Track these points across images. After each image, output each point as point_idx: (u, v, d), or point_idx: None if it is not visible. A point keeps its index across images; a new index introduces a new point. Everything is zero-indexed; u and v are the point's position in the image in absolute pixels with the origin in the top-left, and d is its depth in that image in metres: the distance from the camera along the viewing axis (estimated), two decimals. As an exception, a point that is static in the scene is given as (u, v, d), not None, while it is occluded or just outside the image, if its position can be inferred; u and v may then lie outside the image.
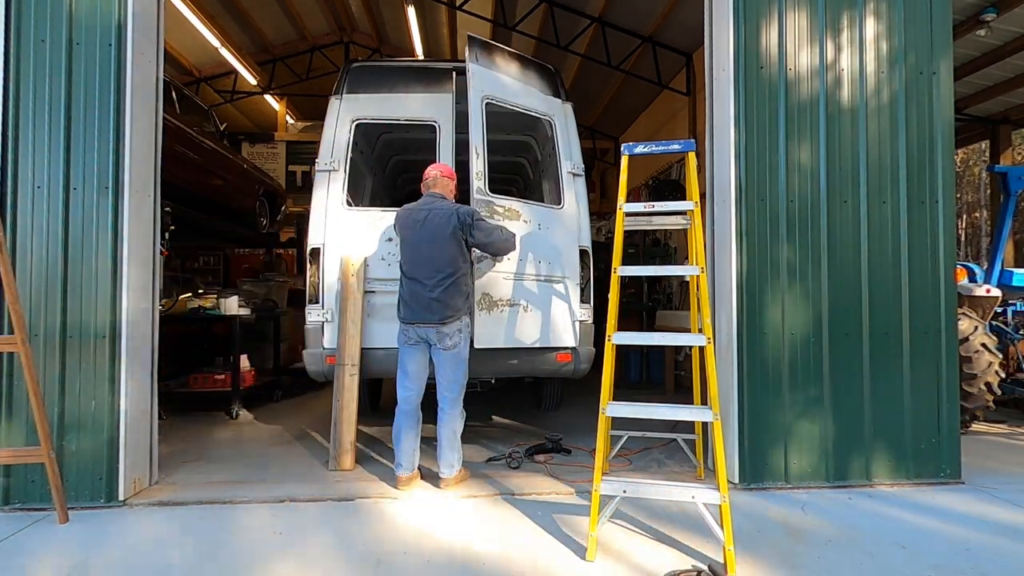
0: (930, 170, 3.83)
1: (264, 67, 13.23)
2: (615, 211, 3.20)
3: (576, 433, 4.89)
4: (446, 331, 3.53)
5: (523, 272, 4.19)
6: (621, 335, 2.99)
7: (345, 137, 4.38)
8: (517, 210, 4.21)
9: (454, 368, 3.61)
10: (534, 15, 9.71)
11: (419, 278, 3.56)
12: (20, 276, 3.35)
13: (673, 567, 2.69)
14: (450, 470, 3.64)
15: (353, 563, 2.76)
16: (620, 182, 3.19)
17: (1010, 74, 8.24)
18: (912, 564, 2.75)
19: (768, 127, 3.76)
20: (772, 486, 3.65)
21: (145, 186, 3.64)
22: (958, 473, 3.75)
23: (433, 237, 3.57)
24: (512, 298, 4.15)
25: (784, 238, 3.74)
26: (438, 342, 3.55)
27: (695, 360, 3.88)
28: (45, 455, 3.13)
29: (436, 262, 3.55)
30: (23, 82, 3.43)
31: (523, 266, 4.19)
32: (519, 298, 4.18)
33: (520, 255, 4.14)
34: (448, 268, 3.55)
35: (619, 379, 6.87)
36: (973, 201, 24.63)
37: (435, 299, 3.52)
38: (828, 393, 3.70)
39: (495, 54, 4.37)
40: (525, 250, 4.17)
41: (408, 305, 3.61)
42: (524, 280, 4.20)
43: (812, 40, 3.82)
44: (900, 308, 3.76)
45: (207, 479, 3.84)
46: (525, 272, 4.19)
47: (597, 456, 2.90)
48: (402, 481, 3.62)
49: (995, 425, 5.41)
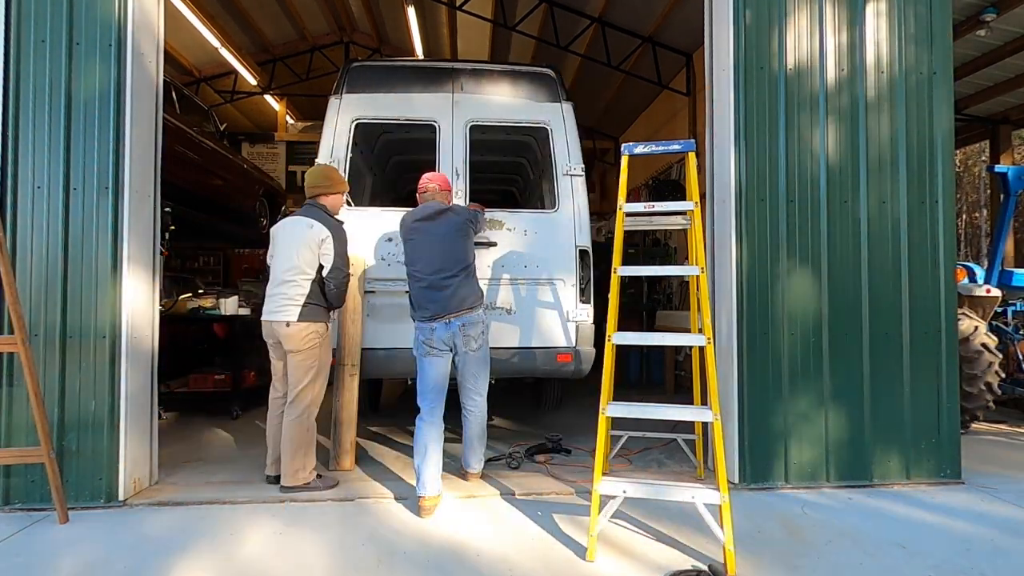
0: (930, 170, 3.83)
1: (264, 67, 13.23)
2: (615, 211, 3.20)
3: (576, 433, 4.89)
4: (471, 334, 3.53)
5: (516, 276, 4.32)
6: (621, 335, 2.99)
7: (345, 137, 4.38)
8: (500, 220, 4.38)
9: (480, 367, 3.65)
10: (534, 15, 9.70)
11: (440, 268, 3.51)
12: (20, 276, 3.35)
13: (673, 567, 2.69)
14: (479, 465, 3.76)
15: (353, 563, 2.76)
16: (620, 182, 3.19)
17: (1010, 74, 8.24)
18: (912, 564, 2.75)
19: (768, 127, 3.76)
20: (772, 486, 3.65)
21: (145, 186, 3.64)
22: (958, 473, 3.75)
23: (446, 234, 3.58)
24: (505, 300, 4.29)
25: (784, 238, 3.74)
26: (464, 346, 3.53)
27: (695, 360, 3.88)
28: (45, 455, 3.13)
29: (454, 255, 3.56)
30: (23, 82, 3.43)
31: (515, 270, 4.32)
32: (512, 300, 4.31)
33: (511, 260, 4.25)
34: (463, 262, 3.58)
35: (619, 379, 6.86)
36: (973, 201, 24.62)
37: (455, 291, 3.51)
38: (828, 393, 3.70)
39: (483, 78, 4.61)
40: (515, 255, 4.25)
41: (430, 302, 3.50)
42: (517, 283, 4.33)
43: (812, 40, 3.82)
44: (900, 308, 3.77)
45: (207, 479, 3.84)
46: (517, 276, 4.33)
47: (597, 456, 2.90)
48: (426, 507, 3.25)
49: (995, 425, 5.41)
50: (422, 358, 3.57)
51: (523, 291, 4.33)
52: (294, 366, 3.59)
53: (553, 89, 4.65)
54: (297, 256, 3.57)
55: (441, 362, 3.55)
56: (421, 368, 3.59)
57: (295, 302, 3.55)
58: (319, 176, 3.76)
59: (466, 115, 4.48)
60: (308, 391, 3.60)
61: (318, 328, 3.61)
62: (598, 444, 2.92)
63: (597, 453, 2.91)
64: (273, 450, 3.70)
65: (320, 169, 3.82)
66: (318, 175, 3.76)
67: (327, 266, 3.58)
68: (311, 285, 3.59)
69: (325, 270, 3.59)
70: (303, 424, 3.57)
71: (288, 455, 3.53)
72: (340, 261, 3.61)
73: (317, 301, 3.61)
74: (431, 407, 3.52)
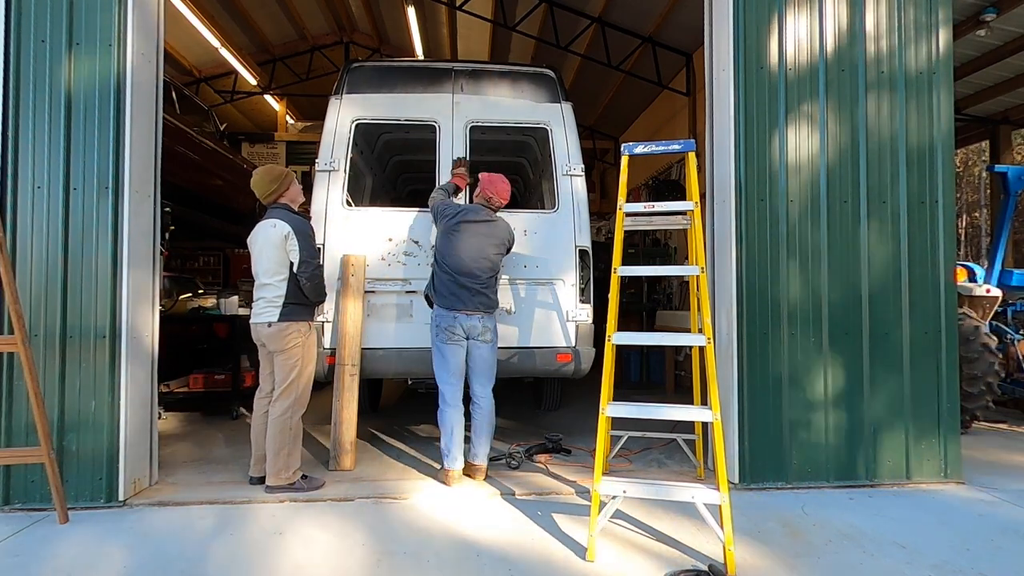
0: (930, 170, 3.83)
1: (264, 67, 13.24)
2: (615, 211, 3.20)
3: (576, 433, 4.89)
4: (488, 324, 3.79)
5: (516, 276, 4.33)
6: (621, 335, 2.99)
7: (345, 137, 4.39)
8: None
9: (492, 357, 3.85)
10: (534, 15, 9.70)
11: (471, 272, 3.74)
12: (20, 276, 3.35)
13: (673, 567, 2.69)
14: (486, 458, 3.85)
15: (353, 563, 2.76)
16: (620, 182, 3.19)
17: (1010, 74, 8.25)
18: (912, 564, 2.75)
19: (768, 127, 3.76)
20: (772, 486, 3.65)
21: (145, 186, 3.64)
22: (958, 473, 3.75)
23: (489, 243, 3.82)
24: (505, 300, 4.29)
25: (784, 238, 3.74)
26: (480, 336, 3.76)
27: (695, 360, 3.88)
28: (45, 455, 3.13)
29: (489, 261, 3.81)
30: (23, 82, 3.43)
31: (515, 270, 4.32)
32: (512, 300, 4.32)
33: (511, 260, 4.24)
34: (494, 269, 3.86)
35: (619, 379, 6.87)
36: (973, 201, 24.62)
37: (482, 292, 3.77)
38: (828, 393, 3.70)
39: (483, 79, 4.64)
40: (515, 255, 4.24)
41: (454, 297, 3.74)
42: (517, 283, 4.34)
43: (812, 40, 3.82)
44: (900, 308, 3.77)
45: (207, 479, 3.84)
46: (517, 276, 4.34)
47: (597, 456, 2.90)
48: (454, 476, 3.71)
49: (995, 425, 5.41)
50: (443, 344, 3.76)
51: (523, 291, 4.33)
52: (278, 366, 3.62)
53: (553, 89, 4.65)
54: (268, 259, 3.60)
55: (460, 350, 3.78)
56: (442, 355, 3.78)
57: (274, 304, 3.59)
58: (265, 182, 3.71)
59: (466, 115, 4.49)
60: (291, 390, 3.61)
61: (300, 327, 3.64)
62: (598, 444, 2.92)
63: (597, 453, 2.91)
64: (257, 449, 3.71)
65: (261, 175, 3.74)
66: (264, 181, 3.71)
67: (295, 262, 3.58)
68: (287, 285, 3.61)
69: (295, 266, 3.58)
70: (286, 423, 3.57)
71: (272, 453, 3.55)
72: (307, 254, 3.60)
73: (297, 300, 3.63)
74: (454, 392, 3.80)
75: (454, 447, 3.73)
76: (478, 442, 3.82)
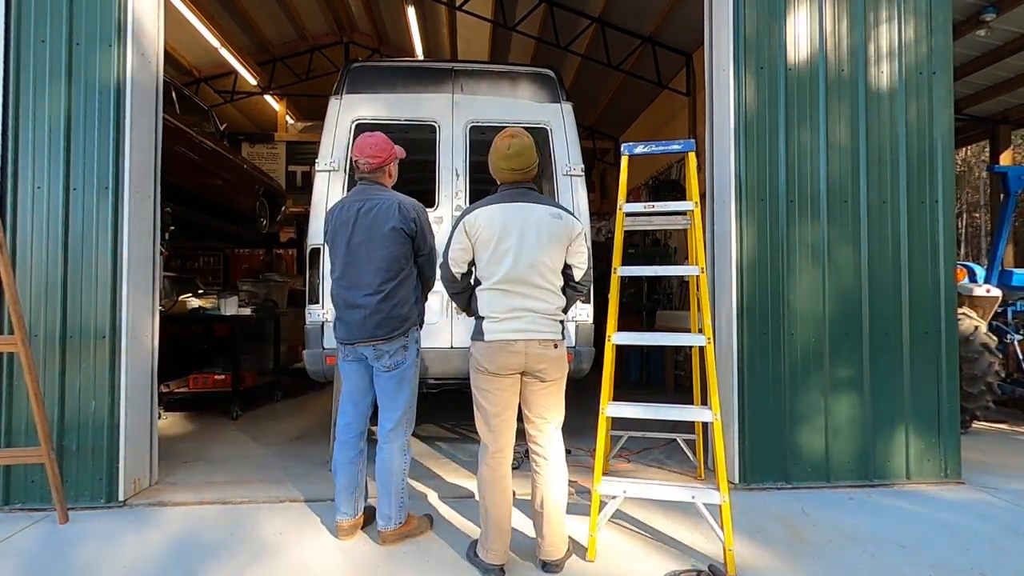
0: (930, 170, 3.83)
1: (264, 67, 13.22)
2: (615, 211, 3.20)
3: (576, 433, 4.88)
4: (385, 348, 2.87)
5: None
6: (621, 335, 2.99)
7: (345, 137, 4.39)
8: None
9: (396, 390, 2.93)
10: (534, 15, 9.69)
11: (353, 285, 2.89)
12: (20, 276, 3.35)
13: (673, 567, 2.69)
14: (386, 522, 2.90)
15: (353, 563, 2.76)
16: (620, 182, 3.19)
17: (1010, 74, 8.23)
18: (912, 564, 2.75)
19: (768, 127, 3.76)
20: (772, 486, 3.65)
21: (145, 186, 3.64)
22: (958, 473, 3.75)
23: (370, 234, 2.88)
24: None
25: (784, 238, 3.74)
26: (376, 359, 2.90)
27: (695, 360, 3.88)
28: (45, 455, 3.13)
29: (374, 263, 2.87)
30: (23, 82, 3.43)
31: None
32: None
33: None
34: (388, 271, 2.88)
35: (619, 379, 6.86)
36: (973, 201, 24.62)
37: (373, 310, 2.84)
38: (828, 393, 3.70)
39: (483, 80, 4.63)
40: None
41: (341, 319, 2.95)
42: None
43: (812, 40, 3.82)
44: (900, 308, 3.77)
45: (207, 479, 3.84)
46: None
47: (597, 456, 2.90)
48: (342, 529, 2.94)
49: (995, 425, 5.41)
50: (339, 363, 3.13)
51: None
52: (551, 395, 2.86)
53: (553, 89, 4.65)
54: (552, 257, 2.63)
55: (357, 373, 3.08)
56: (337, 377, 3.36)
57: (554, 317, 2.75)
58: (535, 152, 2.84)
59: (466, 116, 4.49)
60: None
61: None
62: (598, 444, 2.92)
63: (597, 453, 2.91)
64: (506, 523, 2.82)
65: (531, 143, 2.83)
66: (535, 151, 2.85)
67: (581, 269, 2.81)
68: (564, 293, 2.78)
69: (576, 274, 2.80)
70: None
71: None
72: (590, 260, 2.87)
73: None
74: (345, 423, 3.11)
75: (339, 495, 2.97)
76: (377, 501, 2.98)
